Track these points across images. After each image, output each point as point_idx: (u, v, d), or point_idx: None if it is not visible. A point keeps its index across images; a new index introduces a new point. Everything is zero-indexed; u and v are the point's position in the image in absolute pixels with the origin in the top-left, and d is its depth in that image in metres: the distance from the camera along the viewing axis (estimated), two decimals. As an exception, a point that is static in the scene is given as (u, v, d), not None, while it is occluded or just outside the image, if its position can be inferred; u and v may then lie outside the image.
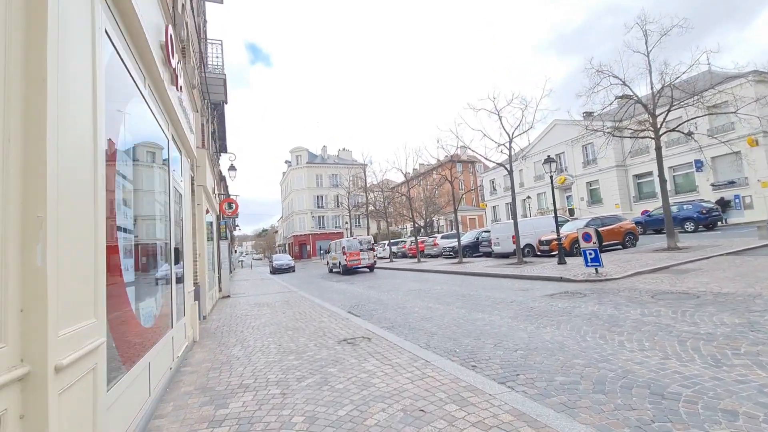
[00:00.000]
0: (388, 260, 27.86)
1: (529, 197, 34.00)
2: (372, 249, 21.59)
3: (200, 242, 8.26)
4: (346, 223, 39.31)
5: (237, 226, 59.28)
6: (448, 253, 23.24)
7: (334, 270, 23.22)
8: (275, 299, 11.25)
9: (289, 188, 62.17)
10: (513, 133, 15.56)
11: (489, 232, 21.46)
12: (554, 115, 23.63)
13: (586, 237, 10.16)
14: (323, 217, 58.05)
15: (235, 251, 71.14)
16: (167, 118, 4.32)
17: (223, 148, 23.06)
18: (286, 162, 62.51)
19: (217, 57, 11.50)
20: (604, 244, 14.91)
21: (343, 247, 21.04)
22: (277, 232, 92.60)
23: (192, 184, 7.88)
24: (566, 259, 13.38)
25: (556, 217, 13.88)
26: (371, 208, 37.60)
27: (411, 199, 26.02)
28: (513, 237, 17.58)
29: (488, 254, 21.26)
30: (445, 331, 5.85)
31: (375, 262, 21.87)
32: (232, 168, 17.19)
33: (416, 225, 24.65)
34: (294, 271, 27.93)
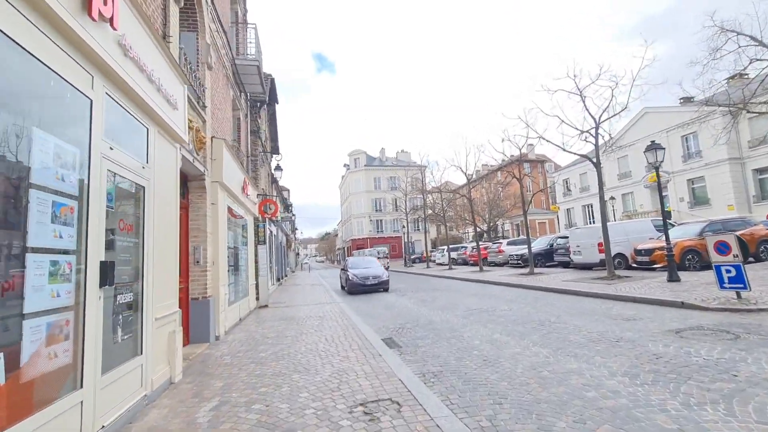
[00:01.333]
0: (447, 267, 25.57)
1: (612, 198, 29.46)
2: (387, 257, 30.11)
3: (214, 248, 7.00)
4: (404, 227, 37.59)
5: (296, 229, 60.66)
6: (515, 262, 20.40)
7: None
8: (311, 313, 9.79)
9: (347, 192, 62.22)
10: (600, 118, 12.66)
11: (566, 238, 18.32)
12: (656, 92, 19.66)
13: (722, 247, 7.26)
14: (381, 221, 57.02)
15: (297, 254, 73.13)
16: (85, 63, 2.86)
17: (275, 150, 22.64)
18: (344, 165, 62.75)
19: (250, 43, 10.44)
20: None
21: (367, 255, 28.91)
22: (337, 235, 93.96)
23: (200, 177, 6.62)
24: (679, 274, 10.25)
25: (664, 219, 10.76)
26: (429, 211, 35.44)
27: (472, 201, 23.46)
28: (600, 244, 14.51)
29: (565, 264, 18.13)
30: (520, 394, 3.76)
31: (388, 267, 28.14)
32: (278, 168, 16.36)
33: (478, 229, 22.12)
34: (387, 289, 15.38)
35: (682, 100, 33.63)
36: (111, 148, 3.20)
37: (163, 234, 4.32)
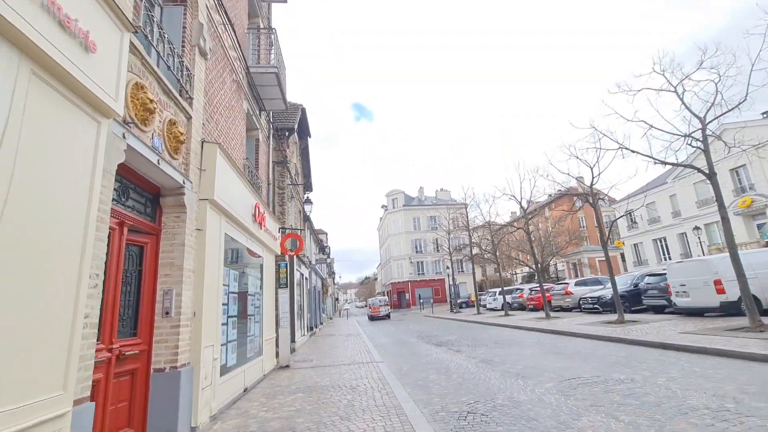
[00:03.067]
0: (502, 313, 22.08)
1: (698, 228, 25.03)
2: (387, 305, 34.40)
3: (197, 293, 4.92)
4: (448, 268, 34.57)
5: (334, 273, 58.80)
6: (590, 307, 16.79)
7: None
8: (340, 380, 7.32)
9: (386, 233, 60.32)
10: (706, 116, 9.90)
11: (658, 275, 14.75)
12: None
13: None
14: (422, 262, 54.01)
15: (336, 300, 70.89)
16: None
17: (308, 187, 21.29)
18: (382, 206, 61.41)
19: (268, 49, 9.03)
20: None
21: (370, 304, 35.68)
22: (376, 279, 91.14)
23: (177, 191, 4.70)
24: None
25: None
26: (476, 250, 32.29)
27: (522, 238, 20.33)
28: (717, 282, 11.12)
29: (658, 309, 14.47)
30: None
31: (389, 313, 33.91)
32: (307, 201, 14.64)
33: (538, 267, 18.90)
34: None
35: (766, 114, 29.44)
36: None
37: (29, 255, 2.25)
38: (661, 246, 33.41)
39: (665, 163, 10.72)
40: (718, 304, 10.98)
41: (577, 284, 20.02)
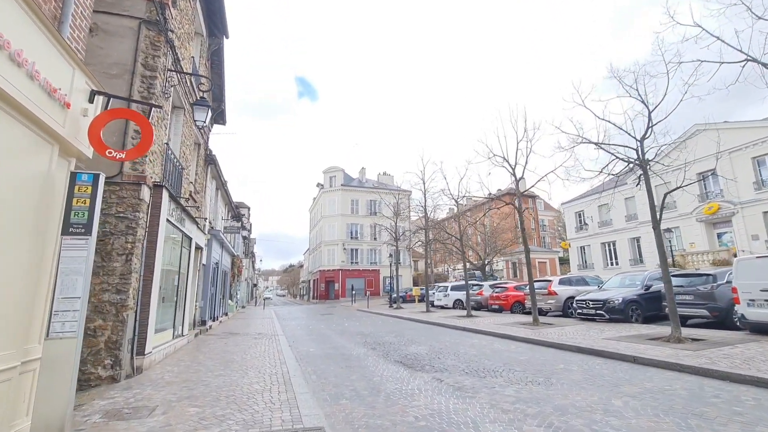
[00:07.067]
0: (463, 314, 17.64)
1: (669, 230, 23.06)
2: None
3: None
4: (390, 256, 29.83)
5: (253, 252, 51.12)
6: (591, 313, 12.86)
7: None
8: None
9: (319, 214, 53.89)
10: None
11: (690, 276, 11.17)
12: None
13: None
14: (357, 250, 48.76)
15: (255, 285, 62.97)
16: None
17: (220, 117, 14.65)
18: (318, 185, 54.76)
19: None
20: None
21: None
22: (302, 266, 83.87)
23: None
24: None
25: None
26: (423, 239, 27.86)
27: (464, 235, 15.97)
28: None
29: (682, 320, 10.93)
30: None
31: None
32: (201, 103, 8.35)
33: (528, 258, 14.70)
34: None
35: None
36: None
37: None
38: (610, 250, 32.13)
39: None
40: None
41: (561, 282, 16.29)
